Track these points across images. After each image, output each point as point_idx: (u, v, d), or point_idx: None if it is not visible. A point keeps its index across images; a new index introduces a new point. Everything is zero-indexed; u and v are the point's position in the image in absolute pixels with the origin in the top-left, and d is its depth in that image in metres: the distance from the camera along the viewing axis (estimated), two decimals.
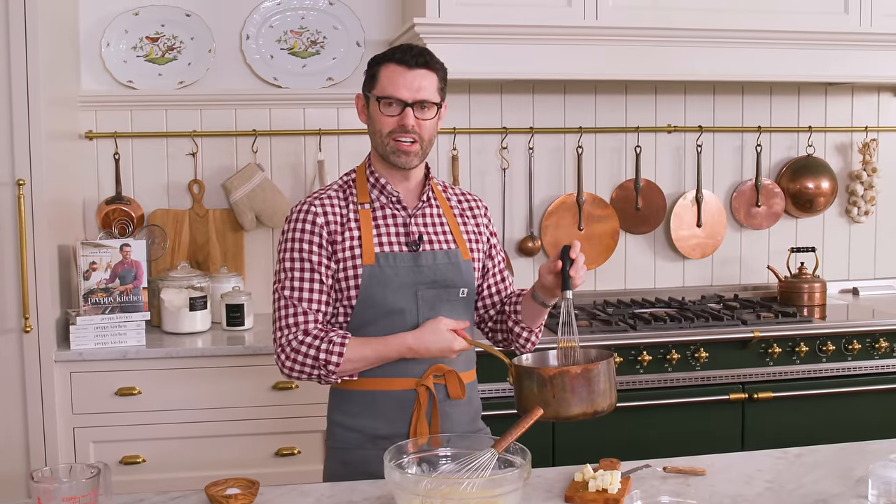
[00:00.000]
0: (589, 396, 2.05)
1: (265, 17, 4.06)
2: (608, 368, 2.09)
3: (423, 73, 2.37)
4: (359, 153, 4.01)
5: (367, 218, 2.40)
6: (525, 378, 2.09)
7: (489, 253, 2.59)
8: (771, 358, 3.72)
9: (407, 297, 2.37)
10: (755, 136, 4.46)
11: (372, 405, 2.39)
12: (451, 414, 2.41)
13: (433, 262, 2.41)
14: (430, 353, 2.33)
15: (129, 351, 3.43)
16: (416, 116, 2.36)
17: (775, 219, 4.52)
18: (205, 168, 4.07)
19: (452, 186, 2.63)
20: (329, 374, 2.32)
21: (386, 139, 2.38)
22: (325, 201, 2.41)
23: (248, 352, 3.48)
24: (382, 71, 2.39)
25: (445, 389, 2.40)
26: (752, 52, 3.86)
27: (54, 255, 3.46)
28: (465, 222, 2.54)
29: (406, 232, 2.42)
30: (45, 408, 3.38)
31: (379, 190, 2.44)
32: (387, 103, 2.37)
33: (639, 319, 3.80)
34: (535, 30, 3.67)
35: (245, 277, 4.07)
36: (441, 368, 2.38)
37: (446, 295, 2.41)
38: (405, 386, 2.37)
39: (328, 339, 2.31)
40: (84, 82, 3.96)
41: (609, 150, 4.37)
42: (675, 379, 3.66)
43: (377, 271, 2.35)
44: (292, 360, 2.33)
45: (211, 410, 3.46)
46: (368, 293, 2.35)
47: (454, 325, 2.34)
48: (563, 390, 2.04)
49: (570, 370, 2.05)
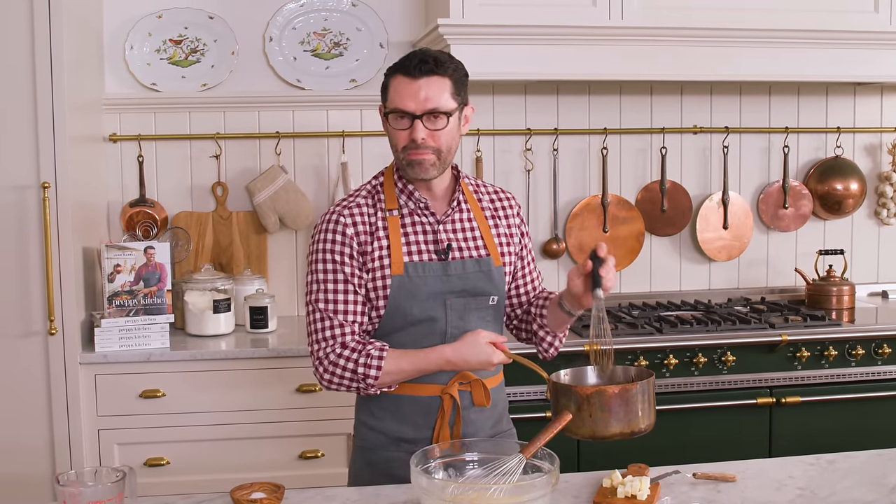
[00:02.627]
0: (626, 416, 2.03)
1: (288, 18, 4.06)
2: (647, 388, 2.06)
3: (429, 80, 2.29)
4: (382, 155, 4.02)
5: (395, 225, 2.37)
6: (562, 395, 2.07)
7: (520, 253, 2.56)
8: (799, 362, 3.69)
9: (435, 306, 2.35)
10: (782, 137, 4.42)
11: (397, 409, 2.38)
12: (475, 420, 2.40)
13: (462, 270, 2.38)
14: (468, 365, 2.30)
15: (153, 353, 3.44)
16: (427, 128, 2.29)
17: (803, 221, 4.48)
18: (228, 170, 4.07)
19: (484, 183, 2.57)
20: (368, 388, 2.30)
21: (400, 154, 2.33)
22: (353, 210, 2.37)
23: (272, 354, 3.47)
24: (391, 83, 2.33)
25: (470, 397, 2.38)
26: (779, 52, 3.83)
27: (79, 257, 3.47)
28: (496, 224, 2.50)
29: (435, 240, 2.39)
30: (69, 410, 3.39)
31: (407, 196, 2.40)
32: (396, 117, 2.31)
33: (665, 322, 3.77)
34: (560, 30, 3.65)
35: (268, 280, 4.06)
36: (467, 376, 2.36)
37: (475, 304, 2.39)
38: (430, 392, 2.36)
39: (366, 353, 2.29)
40: (108, 85, 3.97)
41: (634, 151, 4.34)
42: (701, 383, 3.63)
43: (406, 281, 2.33)
44: (331, 373, 2.31)
45: (235, 413, 3.46)
46: (397, 303, 2.33)
47: (493, 337, 2.30)
48: (601, 409, 2.02)
49: (608, 390, 2.02)
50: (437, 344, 2.34)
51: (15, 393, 3.37)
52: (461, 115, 2.38)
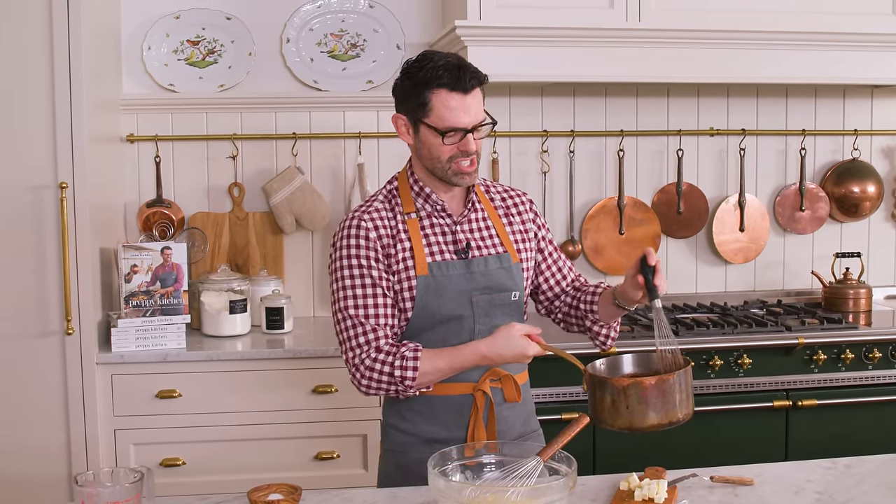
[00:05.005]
0: (664, 407, 2.02)
1: (305, 19, 4.07)
2: (684, 378, 2.05)
3: (476, 92, 2.33)
4: (398, 156, 4.02)
5: (415, 227, 2.38)
6: (598, 387, 2.07)
7: (539, 247, 2.58)
8: (816, 365, 3.67)
9: (462, 303, 2.36)
10: (799, 140, 4.41)
11: (429, 410, 2.39)
12: (507, 417, 2.41)
13: (485, 267, 2.40)
14: (503, 359, 2.30)
15: (169, 353, 3.44)
16: (474, 138, 2.34)
17: (819, 223, 4.46)
18: (245, 171, 4.07)
19: (493, 183, 2.60)
20: (407, 389, 2.30)
21: (446, 165, 2.34)
22: (373, 215, 2.39)
23: (288, 355, 3.47)
24: (434, 98, 2.30)
25: (502, 393, 2.39)
26: (795, 55, 3.81)
27: (96, 257, 3.48)
28: (510, 222, 2.52)
29: (454, 240, 2.41)
30: (86, 410, 3.40)
31: (424, 199, 2.42)
32: (449, 135, 2.31)
33: (681, 325, 3.76)
34: (577, 32, 3.64)
35: (284, 281, 4.07)
36: (497, 372, 2.37)
37: (499, 300, 2.40)
38: (462, 391, 2.36)
39: (401, 355, 2.29)
40: (125, 86, 3.98)
41: (651, 153, 4.33)
42: (717, 385, 3.62)
43: (431, 281, 2.35)
44: (368, 377, 2.30)
45: (251, 413, 3.46)
46: (425, 303, 2.34)
47: (528, 329, 2.28)
48: (637, 401, 2.01)
49: (644, 381, 2.02)
50: (465, 341, 2.35)
51: (32, 393, 3.38)
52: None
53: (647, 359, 2.22)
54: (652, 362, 2.20)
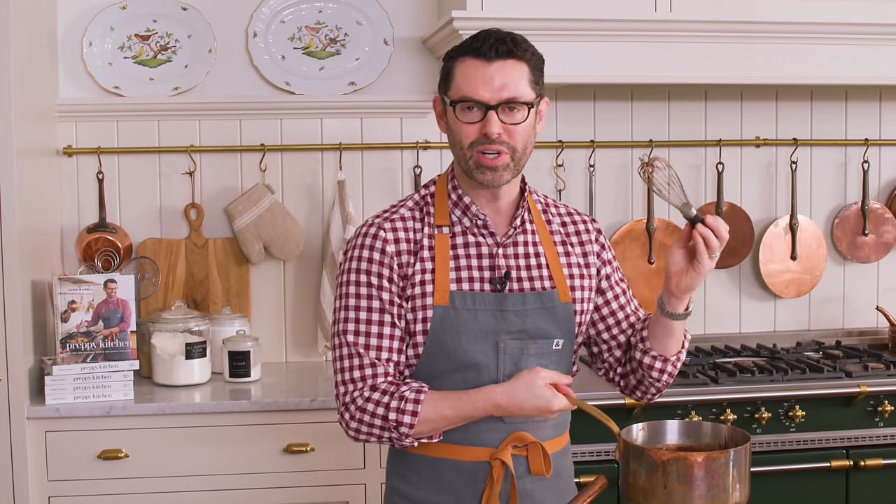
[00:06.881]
0: (710, 491, 1.93)
1: (275, 10, 4.10)
2: (742, 457, 1.98)
3: (505, 64, 2.26)
4: (386, 171, 4.05)
5: (444, 245, 2.33)
6: (632, 457, 2.00)
7: (599, 287, 2.50)
8: (881, 418, 3.69)
9: (485, 347, 2.30)
10: (861, 151, 4.44)
11: (436, 476, 2.34)
12: (531, 492, 2.34)
13: (521, 305, 2.32)
14: (522, 412, 2.24)
15: (114, 406, 3.45)
16: (502, 121, 2.26)
17: (886, 250, 4.49)
18: (204, 190, 4.10)
19: (556, 202, 2.53)
20: (402, 437, 2.25)
21: (467, 152, 2.28)
22: (396, 224, 2.34)
23: (255, 408, 3.49)
24: (457, 67, 2.29)
25: (526, 463, 2.32)
26: (858, 50, 3.82)
27: (27, 292, 3.49)
28: (567, 252, 2.45)
29: (491, 266, 2.35)
30: (14, 473, 3.39)
31: (462, 210, 2.36)
32: (464, 107, 2.27)
33: (721, 371, 3.78)
34: (597, 24, 3.66)
35: (251, 319, 4.08)
36: (523, 438, 2.30)
37: (535, 348, 2.32)
38: (477, 457, 2.30)
39: (399, 395, 2.24)
40: (63, 89, 4.00)
41: (685, 167, 4.36)
42: (765, 442, 3.63)
43: (451, 314, 2.29)
44: (358, 420, 2.26)
45: (210, 478, 3.47)
46: (438, 340, 2.29)
47: (555, 378, 2.24)
48: (678, 480, 1.93)
49: (690, 456, 1.94)
50: None
51: None
52: (538, 109, 2.36)
53: (696, 428, 2.16)
54: (702, 434, 2.14)
